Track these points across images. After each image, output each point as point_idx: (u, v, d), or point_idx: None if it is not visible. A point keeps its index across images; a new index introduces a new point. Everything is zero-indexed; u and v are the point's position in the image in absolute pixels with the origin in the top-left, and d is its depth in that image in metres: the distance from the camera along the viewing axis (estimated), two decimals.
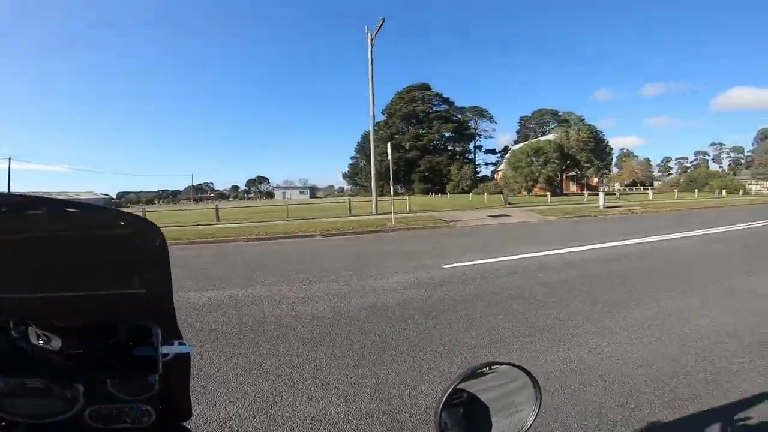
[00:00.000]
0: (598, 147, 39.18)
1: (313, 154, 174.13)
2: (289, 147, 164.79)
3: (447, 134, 71.78)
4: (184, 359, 0.62)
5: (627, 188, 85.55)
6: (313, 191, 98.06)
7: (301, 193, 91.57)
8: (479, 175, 69.55)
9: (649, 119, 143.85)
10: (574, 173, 43.72)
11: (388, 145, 13.16)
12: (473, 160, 75.23)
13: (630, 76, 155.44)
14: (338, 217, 16.13)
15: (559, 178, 40.62)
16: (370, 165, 19.74)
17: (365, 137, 77.42)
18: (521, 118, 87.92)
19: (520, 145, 42.96)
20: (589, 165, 39.45)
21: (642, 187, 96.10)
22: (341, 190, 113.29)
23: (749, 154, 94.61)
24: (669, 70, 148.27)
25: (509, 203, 21.24)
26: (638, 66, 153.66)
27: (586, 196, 25.38)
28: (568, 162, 38.18)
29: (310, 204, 29.11)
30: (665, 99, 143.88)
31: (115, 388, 0.57)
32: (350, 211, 18.15)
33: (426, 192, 60.47)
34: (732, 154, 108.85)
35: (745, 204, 24.12)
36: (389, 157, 12.98)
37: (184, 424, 0.64)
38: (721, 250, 7.37)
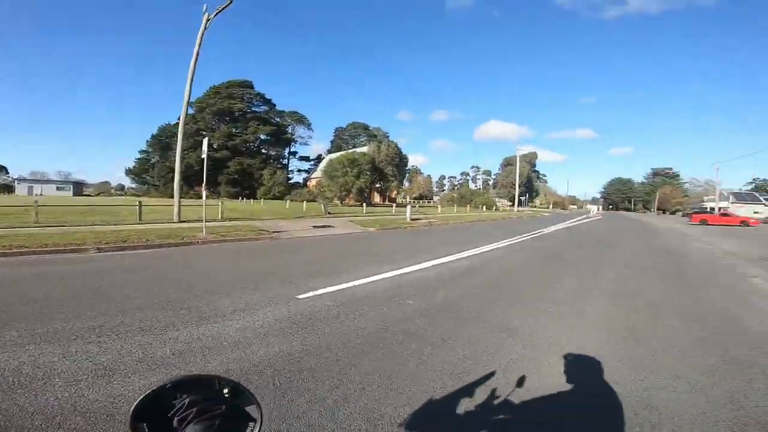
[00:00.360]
0: (401, 163, 44.79)
1: (85, 145, 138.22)
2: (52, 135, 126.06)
3: (263, 137, 68.40)
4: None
5: (415, 201, 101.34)
6: (80, 187, 76.11)
7: (59, 188, 69.33)
8: (291, 181, 68.94)
9: (434, 141, 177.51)
10: (379, 185, 48.87)
11: (205, 141, 10.90)
12: (287, 166, 74.23)
13: (425, 102, 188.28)
14: (123, 224, 12.39)
15: (368, 190, 44.42)
16: (171, 161, 16.20)
17: (163, 130, 65.60)
18: (337, 129, 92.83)
19: (337, 154, 44.91)
20: (393, 179, 44.63)
21: (426, 201, 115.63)
22: (121, 188, 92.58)
23: (494, 176, 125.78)
24: (451, 99, 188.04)
25: (329, 213, 21.41)
26: (433, 93, 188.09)
27: (394, 207, 28.32)
28: (376, 175, 42.19)
29: (76, 204, 21.85)
30: (446, 125, 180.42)
31: None
32: (140, 216, 14.31)
33: (235, 196, 55.68)
34: (483, 176, 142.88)
35: (503, 217, 31.85)
36: (204, 155, 10.75)
37: None
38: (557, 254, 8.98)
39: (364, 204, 26.25)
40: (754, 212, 46.19)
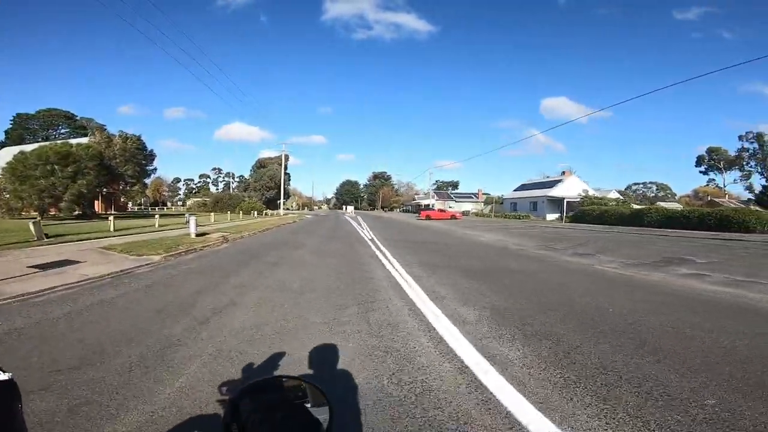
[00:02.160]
0: (145, 161, 34.24)
1: None
2: None
3: None
4: (8, 388, 0.65)
5: (151, 208, 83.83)
6: None
7: None
8: None
9: (164, 140, 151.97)
10: (107, 189, 35.68)
11: None
12: None
13: (156, 97, 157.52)
14: None
15: (91, 195, 31.54)
16: None
17: None
18: (17, 116, 64.09)
19: (33, 146, 29.55)
20: (135, 181, 33.54)
21: (163, 207, 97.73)
22: None
23: (239, 179, 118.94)
24: (190, 97, 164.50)
25: (47, 236, 12.82)
26: (166, 87, 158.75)
27: (157, 220, 20.61)
28: (106, 175, 30.42)
29: None
30: (181, 123, 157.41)
31: None
32: None
33: None
34: (226, 179, 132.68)
35: (295, 219, 29.12)
36: None
37: None
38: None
39: (111, 217, 17.71)
40: (464, 211, 63.40)
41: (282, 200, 62.88)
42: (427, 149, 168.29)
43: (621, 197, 50.48)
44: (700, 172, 75.89)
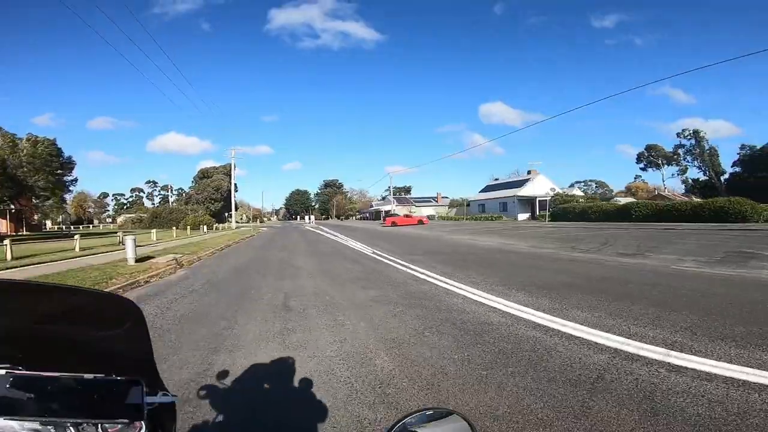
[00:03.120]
0: (63, 169, 27.70)
1: None
2: None
3: None
4: (169, 409, 0.70)
5: (74, 226, 73.53)
6: None
7: None
8: None
9: (90, 152, 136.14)
10: (14, 206, 28.39)
11: None
12: None
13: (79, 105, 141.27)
14: None
15: None
16: None
17: None
18: None
19: None
20: (48, 194, 26.82)
21: (89, 225, 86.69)
22: None
23: (177, 191, 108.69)
24: (119, 105, 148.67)
25: None
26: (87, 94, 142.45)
27: (77, 242, 15.41)
28: (12, 188, 23.81)
29: None
30: (109, 134, 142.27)
31: None
32: None
33: None
34: (163, 192, 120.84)
35: (250, 234, 24.54)
36: None
37: None
38: None
39: (8, 240, 12.50)
40: (428, 215, 61.18)
41: (233, 212, 56.87)
42: (378, 156, 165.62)
43: (583, 194, 51.03)
44: (640, 168, 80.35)
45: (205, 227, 37.03)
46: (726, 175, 56.02)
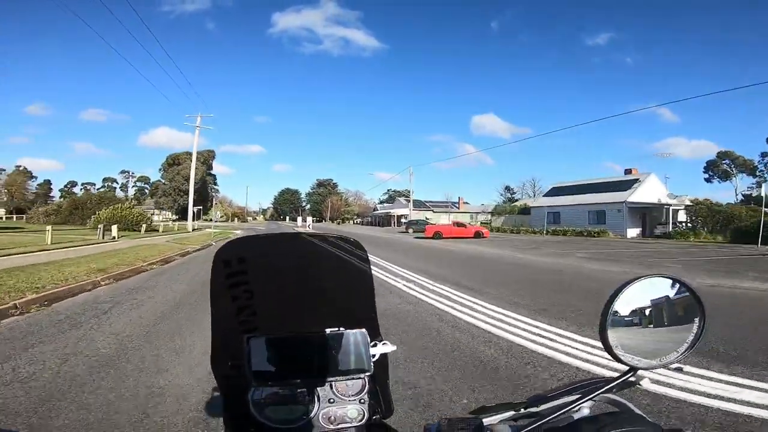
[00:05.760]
0: None
1: None
2: None
3: None
4: (383, 359, 0.69)
5: None
6: None
7: None
8: None
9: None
10: None
11: None
12: None
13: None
14: None
15: None
16: None
17: None
18: None
19: None
20: None
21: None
22: None
23: (159, 179, 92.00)
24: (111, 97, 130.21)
25: None
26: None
27: None
28: None
29: None
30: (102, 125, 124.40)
31: (338, 390, 0.63)
32: None
33: None
34: (139, 183, 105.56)
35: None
36: None
37: (386, 421, 0.69)
38: None
39: None
40: (481, 222, 44.07)
41: (190, 207, 39.31)
42: (369, 161, 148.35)
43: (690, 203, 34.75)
44: (705, 179, 66.74)
45: (144, 226, 19.55)
46: None
